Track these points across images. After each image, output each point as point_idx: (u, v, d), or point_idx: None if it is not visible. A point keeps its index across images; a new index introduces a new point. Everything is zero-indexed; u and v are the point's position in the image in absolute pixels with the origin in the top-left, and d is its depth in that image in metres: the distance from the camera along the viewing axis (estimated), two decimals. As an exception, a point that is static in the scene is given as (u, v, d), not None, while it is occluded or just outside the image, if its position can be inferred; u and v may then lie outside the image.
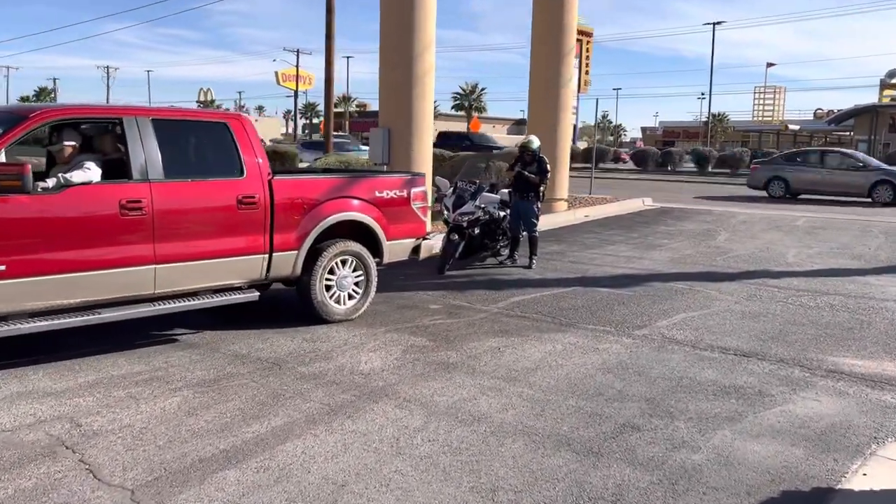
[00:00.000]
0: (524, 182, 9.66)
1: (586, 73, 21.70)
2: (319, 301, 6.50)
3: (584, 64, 20.85)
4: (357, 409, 4.51)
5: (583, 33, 19.23)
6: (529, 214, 9.74)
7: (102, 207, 5.19)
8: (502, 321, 6.92)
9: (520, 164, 9.77)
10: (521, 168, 9.72)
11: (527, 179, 9.63)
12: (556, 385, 5.09)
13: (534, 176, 9.63)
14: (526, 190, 9.67)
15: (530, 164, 9.72)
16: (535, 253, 9.86)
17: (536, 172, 9.66)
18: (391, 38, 11.56)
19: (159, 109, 6.36)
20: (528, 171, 9.63)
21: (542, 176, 9.74)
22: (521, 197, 9.69)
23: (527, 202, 9.68)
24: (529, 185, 9.63)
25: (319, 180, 6.67)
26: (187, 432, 4.06)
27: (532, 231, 9.81)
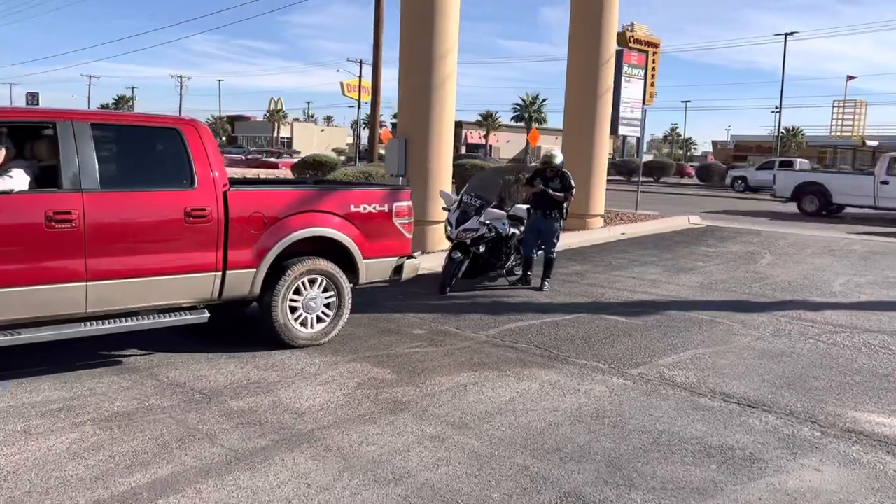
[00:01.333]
0: (547, 199, 8.94)
1: (651, 85, 20.69)
2: (281, 324, 5.96)
3: (650, 76, 19.83)
4: (265, 459, 3.92)
5: (649, 44, 18.33)
6: (551, 234, 9.05)
7: (25, 218, 4.78)
8: (485, 352, 6.23)
9: (540, 179, 9.03)
10: (541, 183, 8.99)
11: (550, 196, 8.90)
12: (510, 436, 4.38)
13: (559, 193, 8.91)
14: (548, 207, 8.97)
15: (552, 179, 8.98)
16: (548, 275, 9.12)
17: (560, 189, 8.94)
18: (409, 41, 11.07)
19: (101, 113, 5.96)
20: (551, 187, 8.91)
21: (567, 193, 9.00)
22: (544, 215, 8.98)
23: (549, 220, 8.99)
24: (552, 202, 8.93)
25: (283, 192, 6.14)
26: (56, 481, 3.55)
27: (550, 252, 9.11)
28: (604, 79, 14.64)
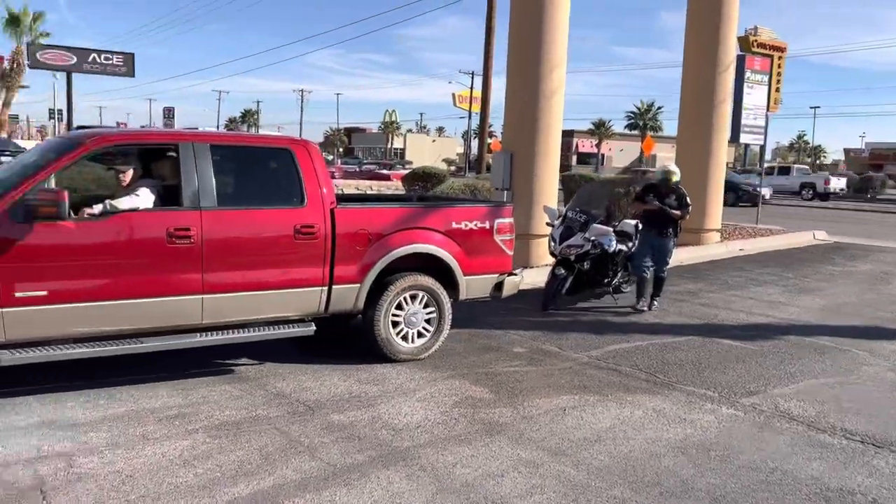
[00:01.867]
0: (663, 216, 8.56)
1: (777, 91, 19.67)
2: (384, 338, 6.07)
3: (776, 81, 18.84)
4: (361, 475, 3.99)
5: (774, 48, 17.44)
6: (665, 253, 8.67)
7: (149, 235, 5.11)
8: (587, 374, 6.09)
9: (654, 195, 8.67)
10: (655, 199, 8.60)
11: (667, 214, 8.52)
12: (608, 466, 4.24)
13: (677, 211, 8.54)
14: (664, 225, 8.60)
15: (667, 195, 8.59)
16: (658, 294, 8.81)
17: (676, 206, 8.55)
18: (517, 55, 11.03)
19: (220, 135, 6.28)
20: (666, 203, 8.52)
21: (685, 210, 8.62)
22: (660, 233, 8.60)
23: (664, 239, 8.62)
24: (668, 219, 8.57)
25: (388, 210, 6.27)
26: (168, 487, 3.76)
27: (662, 271, 8.73)
28: (722, 86, 14.02)
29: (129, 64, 28.68)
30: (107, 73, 28.59)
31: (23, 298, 4.70)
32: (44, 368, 5.14)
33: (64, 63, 28.20)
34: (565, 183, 17.37)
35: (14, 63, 39.83)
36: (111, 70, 28.74)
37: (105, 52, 28.99)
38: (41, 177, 4.85)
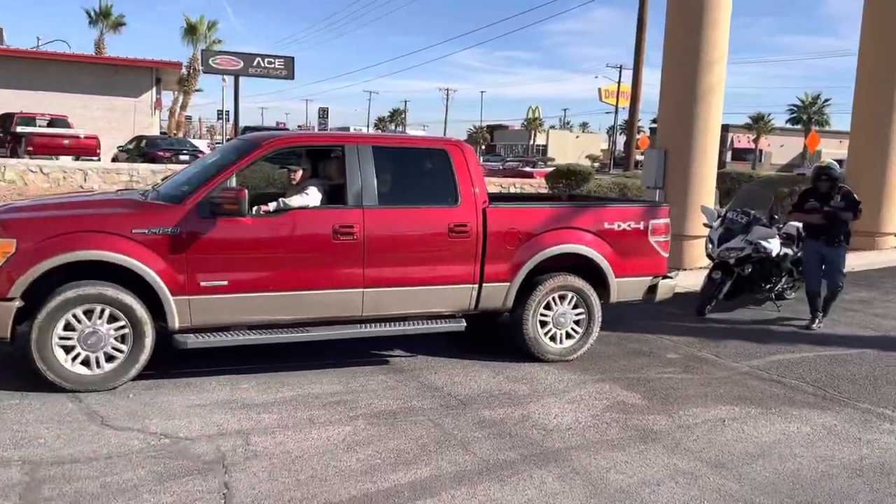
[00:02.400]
0: (834, 222, 7.61)
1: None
2: (532, 337, 6.10)
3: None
4: (514, 473, 4.04)
5: None
6: (838, 263, 7.71)
7: (316, 231, 5.44)
8: (747, 384, 5.80)
9: (814, 198, 7.75)
10: (815, 201, 7.68)
11: (837, 218, 7.56)
12: (773, 483, 4.03)
13: (849, 213, 7.58)
14: (833, 232, 7.61)
15: (831, 196, 7.65)
16: (826, 312, 7.88)
17: (845, 208, 7.59)
18: (674, 51, 10.64)
19: (382, 137, 6.54)
20: (832, 206, 7.59)
21: (856, 213, 7.63)
22: (830, 241, 7.62)
23: (835, 248, 7.64)
24: (837, 224, 7.61)
25: (538, 209, 6.27)
26: (333, 470, 4.00)
27: (837, 284, 7.76)
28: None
29: (289, 67, 30.49)
30: (269, 76, 30.54)
31: (206, 287, 5.16)
32: (222, 352, 5.61)
33: (232, 67, 30.37)
34: (719, 181, 16.54)
35: (191, 69, 43.54)
36: (273, 73, 30.68)
37: (268, 57, 30.98)
38: (224, 176, 5.29)
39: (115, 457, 4.02)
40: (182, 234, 5.06)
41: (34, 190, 15.40)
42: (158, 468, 3.90)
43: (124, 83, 30.19)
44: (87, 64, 30.44)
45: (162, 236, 5.02)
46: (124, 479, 3.75)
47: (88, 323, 4.92)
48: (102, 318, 4.94)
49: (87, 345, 4.93)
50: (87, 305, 4.90)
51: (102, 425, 4.44)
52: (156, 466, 3.92)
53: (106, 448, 4.12)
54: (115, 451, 4.09)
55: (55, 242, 4.84)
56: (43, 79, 28.37)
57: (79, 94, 28.90)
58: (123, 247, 4.93)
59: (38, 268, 4.78)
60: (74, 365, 4.93)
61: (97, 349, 4.96)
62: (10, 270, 4.77)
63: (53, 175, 16.24)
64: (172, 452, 4.10)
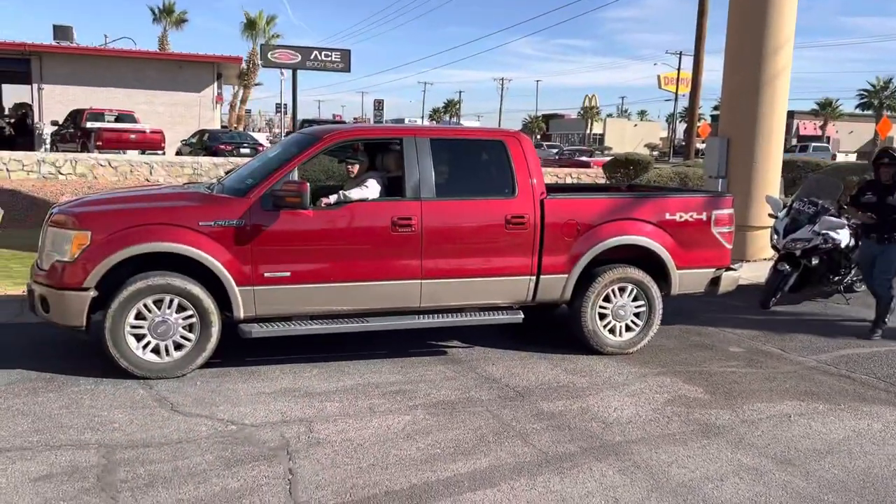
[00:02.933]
0: (887, 217, 6.82)
1: None
2: (590, 330, 6.05)
3: None
4: (574, 465, 4.03)
5: None
6: (889, 264, 6.89)
7: (375, 223, 5.51)
8: (814, 379, 5.63)
9: (871, 192, 7.00)
10: (873, 196, 6.94)
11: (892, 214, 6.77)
12: (843, 480, 3.91)
13: None
14: (886, 228, 6.83)
15: (891, 190, 6.86)
16: (884, 319, 6.96)
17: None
18: (738, 36, 10.35)
19: (439, 129, 6.55)
20: (889, 202, 6.80)
21: None
22: (881, 238, 6.89)
23: (886, 245, 6.86)
24: (892, 220, 6.80)
25: (597, 200, 6.20)
26: (394, 458, 4.06)
27: (888, 287, 6.94)
28: None
29: (346, 60, 30.80)
30: (326, 69, 30.94)
31: (270, 278, 5.28)
32: (285, 341, 5.74)
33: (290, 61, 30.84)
34: (784, 170, 16.04)
35: (250, 63, 44.41)
36: (330, 66, 31.05)
37: (325, 50, 31.36)
38: (287, 169, 5.40)
39: (185, 442, 4.17)
40: (247, 226, 5.19)
41: (103, 183, 15.99)
42: (226, 453, 4.03)
43: (187, 78, 31.00)
44: (152, 60, 31.37)
45: (227, 228, 5.16)
46: (194, 464, 3.89)
47: (158, 312, 5.10)
48: (171, 307, 5.12)
49: (157, 333, 5.12)
50: (157, 295, 5.08)
51: (172, 411, 4.61)
52: (223, 452, 4.05)
53: (176, 433, 4.28)
54: (185, 436, 4.24)
55: (127, 234, 5.03)
56: (110, 75, 29.36)
57: (144, 89, 29.81)
58: (191, 239, 5.09)
59: (111, 259, 4.98)
60: (145, 353, 5.12)
61: (166, 337, 5.14)
62: (85, 261, 4.98)
63: (121, 169, 16.82)
64: (239, 438, 4.23)
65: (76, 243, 5.00)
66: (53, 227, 5.19)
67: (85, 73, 28.98)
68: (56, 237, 5.13)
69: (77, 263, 4.99)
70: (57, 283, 5.05)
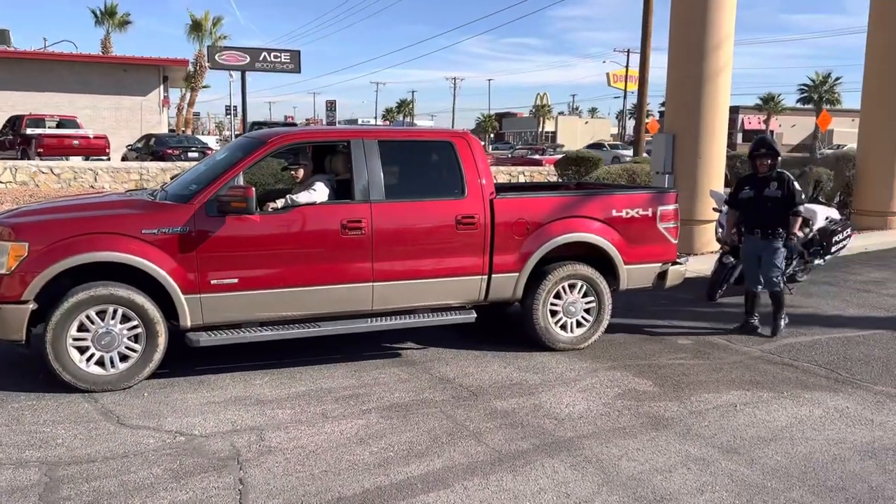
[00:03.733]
0: (766, 212, 6.57)
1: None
2: (542, 327, 6.11)
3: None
4: (526, 463, 4.07)
5: None
6: (772, 259, 6.58)
7: (325, 227, 5.46)
8: (759, 368, 5.79)
9: (749, 186, 6.72)
10: (751, 190, 6.68)
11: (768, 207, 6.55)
12: (785, 467, 4.03)
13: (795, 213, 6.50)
14: (767, 223, 6.58)
15: (766, 184, 6.63)
16: (779, 317, 6.71)
17: (783, 198, 6.53)
18: (680, 33, 10.59)
19: (388, 131, 6.54)
20: (767, 195, 6.61)
21: (792, 201, 6.50)
22: (765, 234, 6.58)
23: (768, 241, 6.60)
24: (773, 216, 6.56)
25: (545, 199, 6.26)
26: (346, 463, 4.03)
27: (773, 285, 6.64)
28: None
29: (296, 61, 30.46)
30: (276, 70, 30.59)
31: (217, 285, 5.20)
32: (234, 349, 5.66)
33: (239, 63, 30.32)
34: (730, 164, 16.43)
35: (197, 65, 43.60)
36: (280, 67, 30.68)
37: (274, 51, 30.97)
38: (232, 174, 5.32)
39: (132, 455, 4.07)
40: (191, 233, 5.10)
41: (45, 191, 15.53)
42: (174, 466, 3.95)
43: (132, 82, 30.31)
44: (95, 64, 30.57)
45: (172, 236, 5.06)
46: (141, 478, 3.81)
47: (102, 323, 4.97)
48: (115, 318, 5.00)
49: (101, 345, 4.99)
50: (100, 306, 4.95)
51: (118, 424, 4.50)
52: (172, 464, 3.97)
53: (122, 447, 4.18)
54: (132, 449, 4.15)
55: (66, 245, 4.89)
56: (51, 80, 28.54)
57: (87, 94, 29.06)
58: (134, 247, 4.98)
59: (51, 270, 4.83)
60: (89, 365, 4.99)
61: (111, 349, 5.01)
62: (24, 273, 4.83)
63: (64, 176, 16.36)
64: (188, 450, 4.16)
65: (13, 255, 4.84)
66: (-11, 238, 5.02)
67: (24, 77, 28.11)
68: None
69: (15, 276, 4.83)
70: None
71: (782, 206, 6.53)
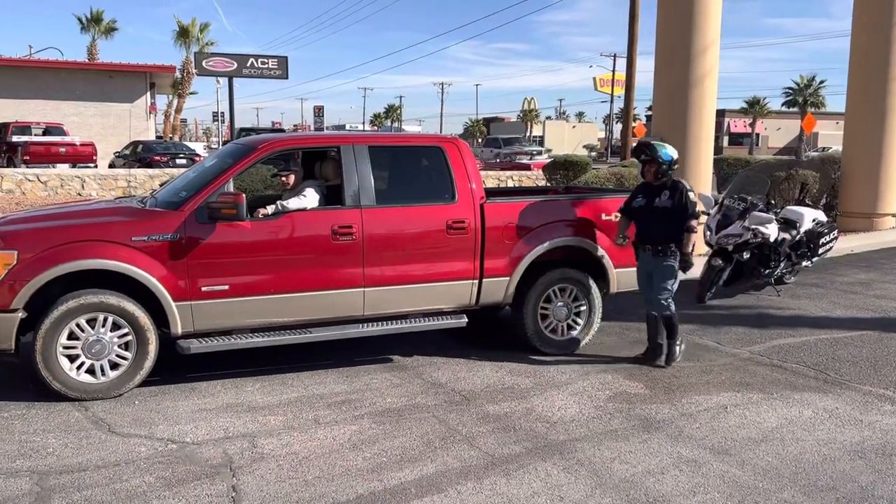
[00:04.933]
0: (656, 226, 5.81)
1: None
2: (533, 331, 6.13)
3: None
4: (520, 467, 4.08)
5: None
6: (661, 280, 5.82)
7: (315, 232, 5.46)
8: (749, 370, 5.83)
9: (642, 195, 5.98)
10: (643, 199, 5.93)
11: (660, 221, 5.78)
12: (776, 467, 4.06)
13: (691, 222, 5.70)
14: (657, 237, 5.79)
15: (657, 194, 5.88)
16: (674, 342, 5.93)
17: (673, 208, 5.76)
18: (666, 38, 10.66)
19: (378, 136, 6.56)
20: (657, 205, 5.88)
21: (685, 216, 5.70)
22: (656, 251, 5.79)
23: (659, 258, 5.81)
24: (665, 228, 5.76)
25: (535, 203, 6.28)
26: (340, 469, 4.03)
27: (662, 308, 5.86)
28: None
29: (283, 67, 30.41)
30: (263, 76, 30.48)
31: (208, 292, 5.18)
32: (226, 356, 5.63)
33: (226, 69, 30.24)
34: (717, 167, 16.55)
35: (184, 72, 43.45)
36: (267, 73, 30.61)
37: (262, 57, 30.90)
38: (222, 181, 5.30)
39: (123, 464, 4.05)
40: (181, 239, 5.08)
41: (32, 199, 15.42)
42: (166, 473, 3.93)
43: (118, 89, 30.15)
44: (81, 70, 30.40)
45: (161, 243, 5.04)
46: (133, 486, 3.79)
47: (92, 331, 4.95)
48: (105, 326, 4.97)
49: (92, 353, 4.96)
50: (90, 314, 4.92)
51: (109, 433, 4.47)
52: (164, 472, 3.95)
53: (114, 455, 4.15)
54: (123, 458, 4.13)
55: (56, 253, 4.86)
56: (37, 87, 28.35)
57: (73, 101, 28.89)
58: (123, 255, 4.96)
59: (40, 279, 4.80)
60: (79, 374, 4.96)
61: (101, 357, 4.99)
62: (13, 282, 4.80)
63: (51, 183, 16.25)
64: (180, 457, 4.14)
65: (2, 263, 4.81)
66: (-23, 247, 4.98)
67: (9, 85, 27.90)
68: (-21, 258, 4.92)
69: (3, 284, 4.80)
70: (-18, 306, 4.84)
71: (673, 219, 5.71)
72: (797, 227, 8.61)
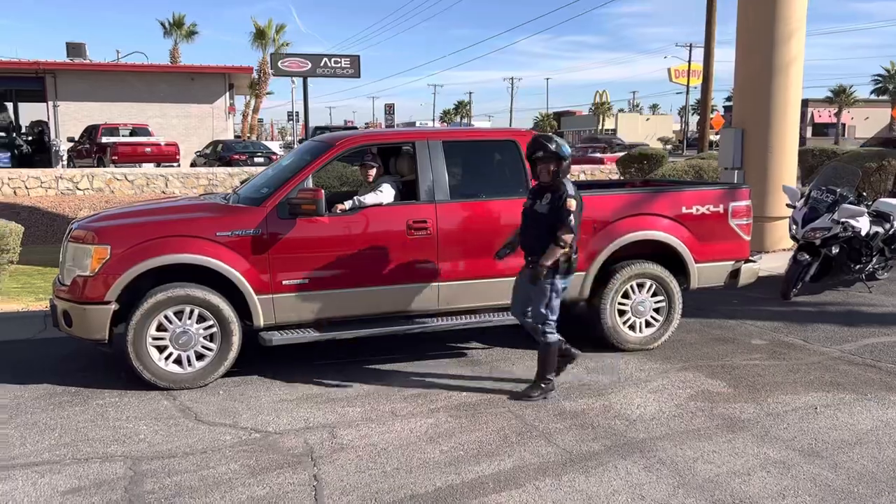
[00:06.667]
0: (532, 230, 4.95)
1: None
2: (610, 327, 6.02)
3: None
4: (599, 464, 4.01)
5: None
6: (537, 297, 4.92)
7: (391, 227, 5.52)
8: (839, 370, 5.57)
9: (530, 197, 5.08)
10: (530, 202, 5.04)
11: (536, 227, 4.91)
12: (872, 472, 3.86)
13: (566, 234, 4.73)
14: (533, 246, 4.92)
15: (540, 195, 4.95)
16: (542, 375, 5.03)
17: (548, 213, 4.83)
18: (749, 24, 10.28)
19: (452, 132, 6.55)
20: (536, 208, 4.96)
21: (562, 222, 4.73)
22: (527, 262, 5.02)
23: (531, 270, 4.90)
24: (540, 237, 4.85)
25: (611, 196, 6.16)
26: (417, 462, 4.06)
27: (541, 331, 4.97)
28: None
29: (356, 65, 30.83)
30: (336, 75, 30.98)
31: (289, 286, 5.31)
32: (305, 348, 5.76)
33: (300, 69, 30.86)
34: (800, 159, 15.89)
35: (261, 73, 44.63)
36: (340, 73, 31.09)
37: (334, 56, 31.40)
38: (301, 177, 5.42)
39: (210, 451, 4.19)
40: (263, 235, 5.22)
41: (120, 197, 16.14)
42: (251, 462, 4.05)
43: (199, 90, 31.22)
44: (164, 73, 31.63)
45: (245, 238, 5.19)
46: (219, 473, 3.92)
47: (179, 323, 5.14)
48: (192, 318, 5.16)
49: (179, 344, 5.15)
50: (178, 306, 5.12)
51: (196, 421, 4.64)
52: (248, 460, 4.07)
53: (201, 443, 4.31)
54: (210, 445, 4.27)
55: (146, 247, 5.07)
56: (124, 90, 29.64)
57: (157, 102, 30.07)
58: (209, 249, 5.13)
59: (131, 272, 5.02)
60: (167, 364, 5.16)
61: (188, 348, 5.18)
62: (106, 276, 5.03)
63: (137, 182, 16.98)
64: (263, 446, 4.25)
65: (96, 258, 5.05)
66: (73, 242, 5.25)
67: (99, 88, 29.27)
68: (76, 252, 5.19)
69: (98, 277, 5.04)
70: (79, 298, 5.11)
71: (549, 227, 4.80)
72: (891, 220, 8.17)
